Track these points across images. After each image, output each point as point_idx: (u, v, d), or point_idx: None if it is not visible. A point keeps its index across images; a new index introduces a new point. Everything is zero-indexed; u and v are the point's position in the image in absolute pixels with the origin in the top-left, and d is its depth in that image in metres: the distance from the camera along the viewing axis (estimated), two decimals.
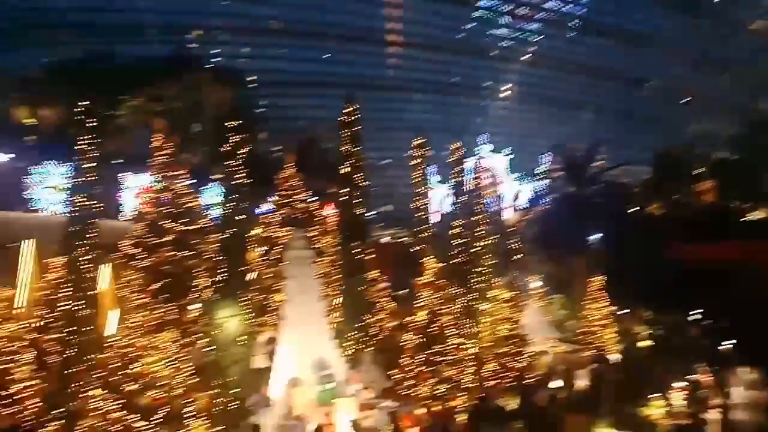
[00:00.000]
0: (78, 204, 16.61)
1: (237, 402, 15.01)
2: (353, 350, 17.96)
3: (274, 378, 15.41)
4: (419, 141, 26.22)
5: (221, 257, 16.59)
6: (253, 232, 21.98)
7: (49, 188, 30.03)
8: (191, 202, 21.46)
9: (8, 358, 12.59)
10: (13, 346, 12.83)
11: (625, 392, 14.87)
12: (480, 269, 24.47)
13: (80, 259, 15.39)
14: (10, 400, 12.30)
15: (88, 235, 16.16)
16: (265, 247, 21.29)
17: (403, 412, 15.55)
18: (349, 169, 19.39)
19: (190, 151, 34.00)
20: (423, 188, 25.32)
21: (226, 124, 18.88)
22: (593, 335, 25.00)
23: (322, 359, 16.15)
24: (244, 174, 17.03)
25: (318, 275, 16.67)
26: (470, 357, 18.37)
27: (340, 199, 19.55)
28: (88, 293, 15.32)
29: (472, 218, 24.68)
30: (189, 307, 17.22)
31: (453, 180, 26.48)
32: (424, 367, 17.02)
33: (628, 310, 28.61)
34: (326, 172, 33.84)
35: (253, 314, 16.35)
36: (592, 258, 33.07)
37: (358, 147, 19.54)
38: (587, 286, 26.69)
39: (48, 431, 12.67)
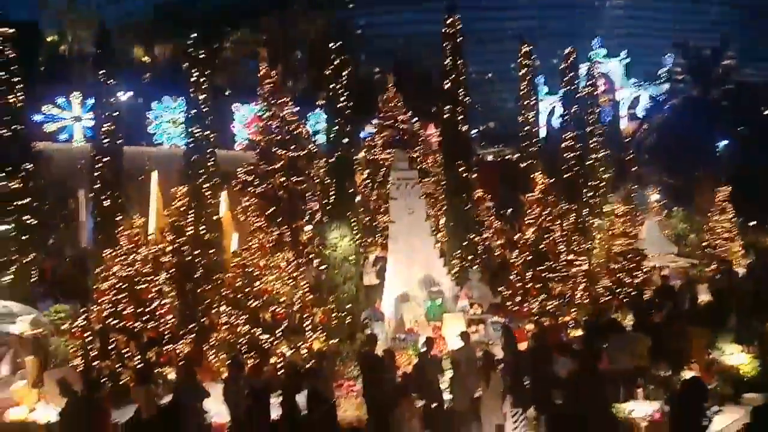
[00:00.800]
0: (196, 135, 17.47)
1: (350, 316, 15.77)
2: (460, 267, 18.07)
3: (385, 294, 15.96)
4: (525, 49, 24.82)
5: (330, 181, 16.97)
6: (359, 156, 22.29)
7: (168, 122, 31.79)
8: (298, 128, 22.02)
9: (146, 279, 13.84)
10: (149, 268, 14.03)
11: (752, 307, 13.92)
12: (593, 183, 23.39)
13: (202, 187, 16.33)
14: (150, 316, 13.63)
15: (207, 165, 17.05)
16: (370, 170, 21.58)
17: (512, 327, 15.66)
18: (450, 84, 18.79)
19: (294, 78, 34.53)
20: (531, 100, 24.18)
21: (326, 47, 18.78)
22: (718, 249, 23.49)
23: (430, 276, 16.47)
24: (347, 97, 16.99)
25: (423, 195, 16.69)
26: (582, 273, 17.95)
27: (444, 117, 19.09)
28: (212, 218, 16.34)
29: (585, 129, 23.36)
30: (303, 229, 18.05)
31: (564, 90, 25.01)
32: (533, 284, 16.87)
33: (757, 222, 26.60)
34: (427, 91, 33.25)
35: (362, 234, 16.78)
36: (718, 167, 30.63)
37: (459, 61, 18.79)
38: (712, 198, 24.88)
39: (183, 344, 13.94)
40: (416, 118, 24.24)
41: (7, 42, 16.47)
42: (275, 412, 9.48)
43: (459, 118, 18.69)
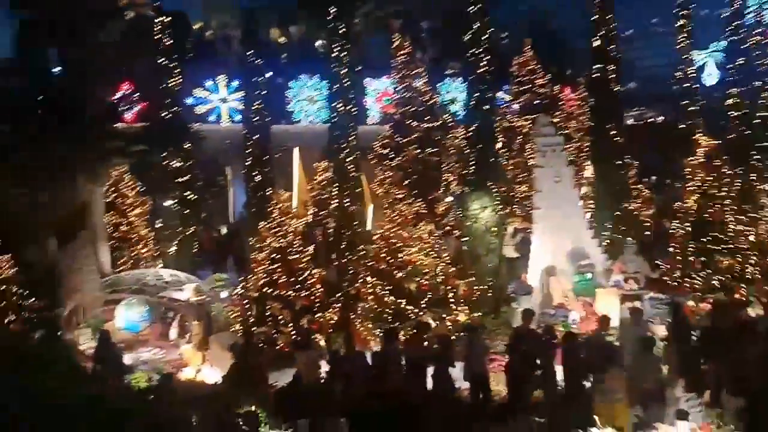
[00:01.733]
0: (338, 110, 17.74)
1: (493, 289, 15.37)
2: (611, 239, 16.91)
3: (530, 267, 15.35)
4: None
5: (469, 150, 16.52)
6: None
7: (305, 100, 32.86)
8: (432, 99, 21.71)
9: (295, 250, 14.36)
10: (298, 240, 14.54)
11: None
12: (762, 144, 20.82)
13: (345, 161, 16.60)
14: (301, 285, 14.15)
15: (350, 139, 17.29)
16: (507, 138, 20.79)
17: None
18: (600, 41, 17.39)
19: (426, 48, 34.07)
20: (687, 55, 21.91)
21: (463, 12, 18.16)
22: None
23: (579, 248, 15.56)
24: (487, 62, 16.33)
25: (568, 162, 15.73)
26: (752, 244, 16.08)
27: (592, 77, 17.77)
28: (354, 191, 16.59)
29: (752, 84, 20.77)
30: (440, 201, 17.84)
31: (728, 40, 22.36)
32: (695, 257, 15.39)
33: None
34: (564, 52, 31.39)
35: (503, 205, 16.22)
36: None
37: (609, 15, 17.30)
38: None
39: (332, 312, 14.34)
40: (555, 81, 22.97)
41: (164, 30, 17.66)
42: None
43: (610, 77, 17.30)
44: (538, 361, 9.85)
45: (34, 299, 15.05)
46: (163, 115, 16.78)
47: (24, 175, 15.42)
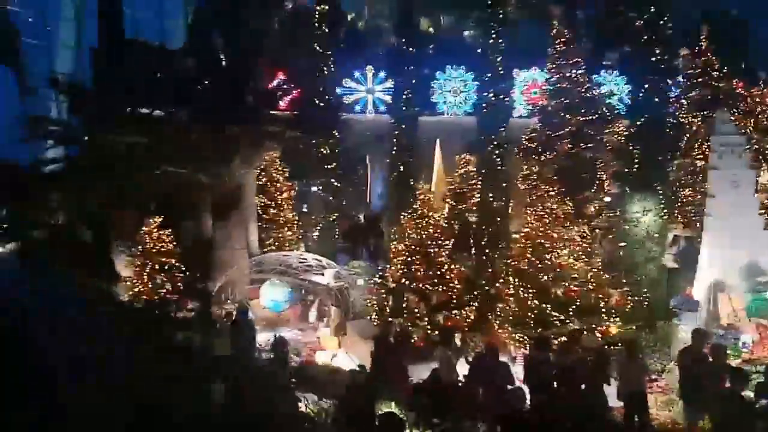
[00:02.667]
0: (485, 102, 17.08)
1: (650, 301, 13.95)
2: None
3: (697, 280, 13.70)
4: None
5: (632, 147, 15.05)
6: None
7: (449, 91, 32.37)
8: (590, 91, 20.25)
9: (435, 243, 14.00)
10: (438, 233, 14.17)
11: None
12: None
13: (494, 154, 15.91)
14: (439, 279, 13.77)
15: (500, 132, 16.57)
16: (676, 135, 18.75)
17: None
18: None
19: (583, 37, 31.97)
20: None
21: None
22: None
23: (756, 264, 13.63)
24: (656, 53, 14.73)
25: (750, 165, 13.79)
26: None
27: None
28: (501, 186, 15.87)
29: None
30: (592, 200, 16.53)
31: None
32: None
33: None
34: (741, 42, 27.89)
35: (667, 209, 14.61)
36: None
37: None
38: None
39: (469, 311, 13.81)
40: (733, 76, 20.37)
41: (322, 20, 18.01)
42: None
43: None
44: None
45: (189, 273, 16.14)
46: (317, 103, 17.14)
47: (188, 155, 16.52)
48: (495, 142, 15.95)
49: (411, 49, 21.10)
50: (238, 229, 17.62)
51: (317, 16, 17.86)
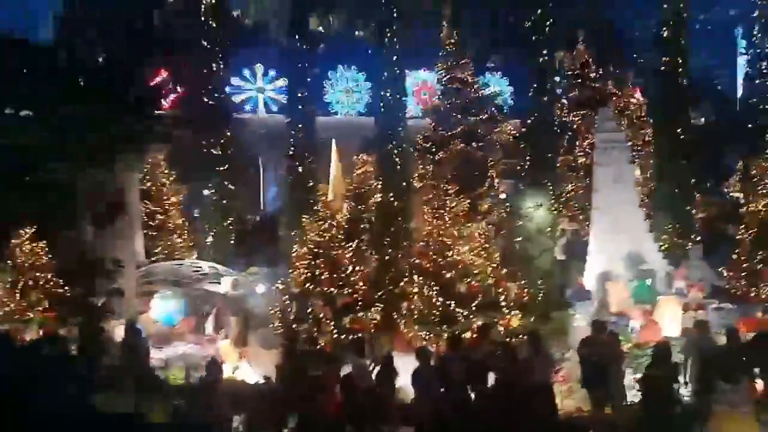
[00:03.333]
0: (381, 102, 17.00)
1: (545, 293, 14.54)
2: (672, 243, 15.91)
3: (586, 271, 14.46)
4: None
5: (522, 146, 15.61)
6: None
7: (341, 92, 32.15)
8: (479, 91, 20.88)
9: (338, 245, 13.70)
10: (340, 234, 13.87)
11: None
12: None
13: (392, 154, 15.86)
14: (344, 282, 13.49)
15: (397, 131, 16.54)
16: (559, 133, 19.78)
17: (738, 315, 13.44)
18: (669, 32, 16.21)
19: (469, 39, 33.03)
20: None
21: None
22: None
23: (638, 253, 14.63)
24: (543, 54, 15.38)
25: (631, 161, 14.77)
26: None
27: (661, 70, 16.66)
28: (400, 186, 15.85)
29: None
30: (487, 198, 17.02)
31: None
32: (764, 265, 14.37)
33: None
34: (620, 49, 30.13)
35: (556, 204, 15.30)
36: None
37: (682, 4, 16.12)
38: None
39: (374, 311, 13.66)
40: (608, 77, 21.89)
41: (207, 15, 17.12)
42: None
43: (679, 70, 16.20)
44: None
45: (67, 288, 14.70)
46: (205, 101, 16.25)
47: (62, 158, 15.06)
48: (392, 142, 15.87)
49: (302, 47, 20.61)
50: (123, 237, 16.34)
51: (204, 10, 16.92)
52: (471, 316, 12.62)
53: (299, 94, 18.20)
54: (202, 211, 18.35)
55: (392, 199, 15.08)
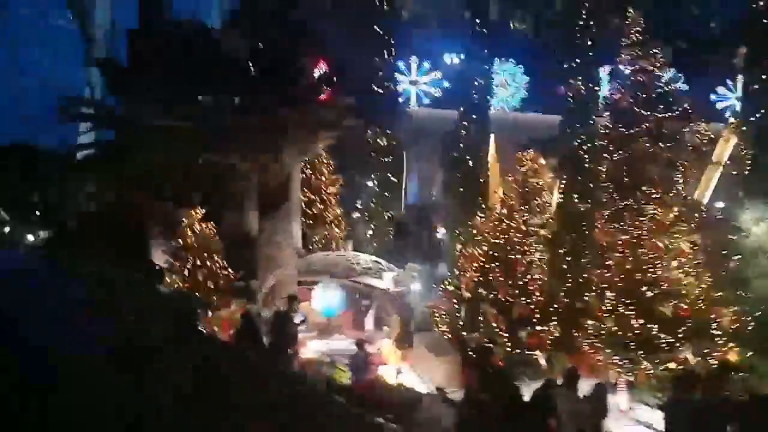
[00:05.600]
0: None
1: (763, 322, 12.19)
2: None
3: None
4: None
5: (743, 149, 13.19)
6: None
7: (498, 85, 30.64)
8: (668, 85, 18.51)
9: (516, 250, 12.37)
10: (520, 238, 12.52)
11: None
12: None
13: (580, 152, 14.20)
14: (521, 291, 12.15)
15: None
16: None
17: None
18: None
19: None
20: None
21: None
22: None
23: None
24: None
25: None
26: None
27: None
28: (584, 187, 14.17)
29: None
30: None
31: None
32: None
33: None
34: None
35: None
36: None
37: None
38: None
39: (553, 327, 12.16)
40: None
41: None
42: None
43: None
44: None
45: (233, 270, 14.67)
46: (375, 90, 15.58)
47: (233, 142, 15.07)
48: (580, 139, 14.13)
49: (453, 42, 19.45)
50: (286, 223, 16.16)
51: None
52: (677, 345, 10.73)
53: (465, 89, 16.93)
54: (363, 203, 17.81)
55: (576, 201, 13.41)
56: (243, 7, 18.55)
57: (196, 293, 14.33)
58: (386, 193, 16.79)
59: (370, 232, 16.90)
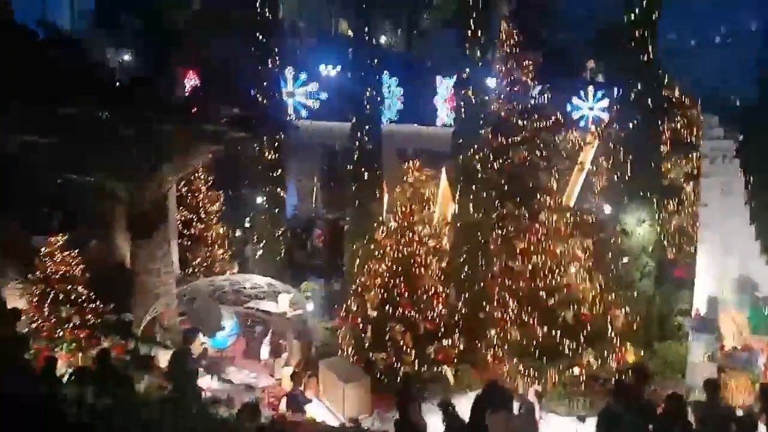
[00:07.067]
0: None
1: (649, 322, 12.88)
2: None
3: (697, 297, 12.79)
4: None
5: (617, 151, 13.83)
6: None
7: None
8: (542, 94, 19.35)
9: (419, 263, 12.04)
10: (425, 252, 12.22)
11: None
12: None
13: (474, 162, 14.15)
14: (424, 305, 11.82)
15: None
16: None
17: None
18: None
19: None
20: None
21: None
22: None
23: (749, 276, 12.99)
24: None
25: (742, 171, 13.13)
26: None
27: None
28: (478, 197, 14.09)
29: None
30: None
31: None
32: None
33: None
34: None
35: (657, 221, 13.58)
36: None
37: None
38: None
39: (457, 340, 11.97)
40: None
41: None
42: None
43: None
44: None
45: (101, 303, 13.02)
46: (261, 101, 14.61)
47: (98, 160, 13.42)
48: (469, 151, 14.13)
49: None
50: (162, 249, 14.64)
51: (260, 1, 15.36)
52: (579, 349, 10.93)
53: (364, 99, 16.48)
54: (251, 220, 16.68)
55: (472, 211, 13.37)
56: (101, 12, 16.84)
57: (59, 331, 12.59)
58: (276, 209, 15.80)
59: (260, 251, 15.77)
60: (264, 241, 15.51)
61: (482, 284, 12.53)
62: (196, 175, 17.65)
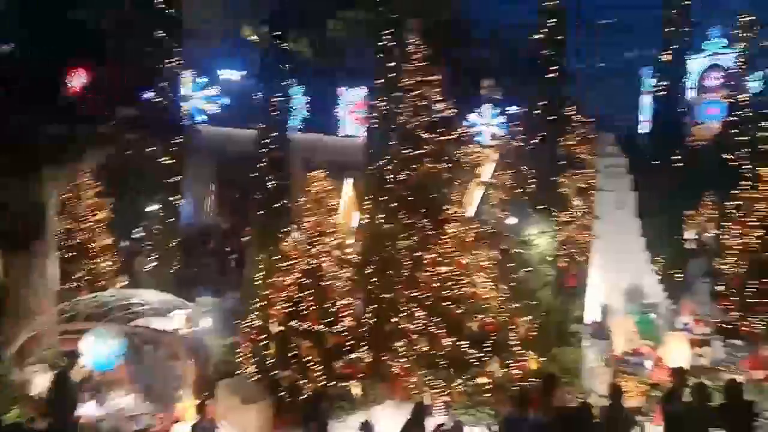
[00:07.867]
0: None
1: (549, 329, 13.27)
2: (668, 275, 15.20)
3: (589, 304, 13.33)
4: None
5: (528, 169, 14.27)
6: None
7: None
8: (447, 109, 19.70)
9: (327, 277, 11.67)
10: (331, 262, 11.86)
11: None
12: None
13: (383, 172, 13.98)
14: (332, 319, 11.45)
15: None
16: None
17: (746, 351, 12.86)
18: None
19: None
20: None
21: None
22: None
23: (638, 285, 13.74)
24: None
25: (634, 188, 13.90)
26: None
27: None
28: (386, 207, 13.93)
29: None
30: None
31: None
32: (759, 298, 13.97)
33: None
34: None
35: (555, 232, 14.11)
36: None
37: None
38: None
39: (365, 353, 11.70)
40: None
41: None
42: None
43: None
44: None
45: None
46: (160, 102, 13.61)
47: None
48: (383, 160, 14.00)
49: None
50: (39, 263, 13.24)
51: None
52: (484, 358, 11.00)
53: (270, 106, 15.89)
54: (142, 230, 15.52)
55: (380, 221, 13.20)
56: None
57: None
58: (169, 218, 14.81)
59: (152, 263, 14.69)
60: (156, 253, 14.43)
61: (389, 295, 12.31)
62: (81, 180, 16.28)
